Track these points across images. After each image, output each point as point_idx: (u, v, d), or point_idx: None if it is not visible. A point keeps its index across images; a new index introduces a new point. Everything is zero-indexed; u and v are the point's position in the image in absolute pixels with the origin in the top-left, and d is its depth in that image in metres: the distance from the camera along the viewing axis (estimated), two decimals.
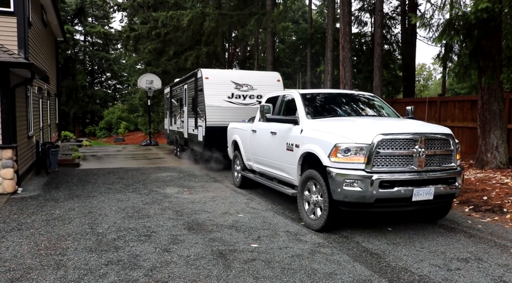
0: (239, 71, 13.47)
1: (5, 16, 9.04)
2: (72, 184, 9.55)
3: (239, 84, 11.75)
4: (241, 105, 11.69)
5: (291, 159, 6.40)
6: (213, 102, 11.39)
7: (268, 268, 4.31)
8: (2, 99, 8.36)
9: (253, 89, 11.86)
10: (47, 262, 4.49)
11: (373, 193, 5.05)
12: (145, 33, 25.88)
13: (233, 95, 11.66)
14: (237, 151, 9.14)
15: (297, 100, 6.83)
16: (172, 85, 17.04)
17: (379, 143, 5.11)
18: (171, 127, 17.19)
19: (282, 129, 6.82)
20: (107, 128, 37.36)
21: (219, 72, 12.58)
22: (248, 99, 11.80)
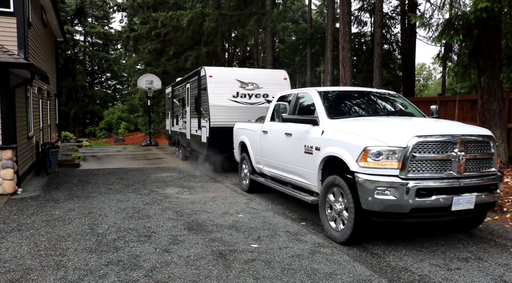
0: (244, 69, 12.81)
1: (5, 16, 9.05)
2: (72, 184, 9.55)
3: (244, 83, 11.21)
4: (247, 105, 11.16)
5: (310, 163, 5.85)
6: (217, 101, 10.84)
7: (268, 268, 4.31)
8: (2, 99, 8.36)
9: (259, 88, 11.34)
10: (47, 263, 4.49)
11: (408, 202, 4.54)
12: (145, 33, 25.89)
13: (238, 94, 11.13)
14: (245, 153, 8.62)
15: (315, 98, 6.25)
16: (173, 84, 16.49)
17: (415, 146, 4.59)
18: (172, 128, 16.59)
19: (298, 130, 6.23)
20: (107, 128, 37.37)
21: (224, 70, 12.07)
22: (254, 98, 11.26)
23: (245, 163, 8.74)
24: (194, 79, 12.36)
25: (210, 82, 10.96)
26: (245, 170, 8.75)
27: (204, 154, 11.45)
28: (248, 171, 8.52)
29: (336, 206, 5.29)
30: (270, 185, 7.50)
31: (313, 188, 5.98)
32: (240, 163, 9.01)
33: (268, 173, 7.64)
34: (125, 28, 30.53)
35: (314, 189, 5.95)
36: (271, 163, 7.36)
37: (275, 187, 7.26)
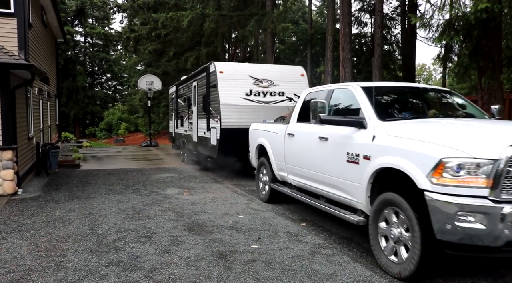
0: (257, 65, 11.95)
1: (5, 17, 9.06)
2: (73, 185, 9.55)
3: (258, 79, 10.27)
4: (261, 103, 10.23)
5: (355, 175, 4.73)
6: (229, 99, 9.93)
7: (268, 269, 4.30)
8: (2, 100, 8.37)
9: (274, 85, 10.40)
10: (47, 264, 4.48)
11: (503, 233, 3.45)
12: (145, 34, 25.94)
13: (252, 91, 10.18)
14: (264, 158, 7.57)
15: (358, 95, 5.13)
16: (178, 83, 15.56)
17: (511, 158, 3.52)
18: (177, 130, 15.55)
19: (338, 134, 5.11)
20: (107, 129, 37.38)
21: (235, 66, 11.27)
22: (269, 96, 10.33)
23: (264, 169, 7.72)
24: (202, 76, 11.50)
25: (221, 79, 10.04)
26: (263, 177, 7.72)
27: (214, 158, 10.51)
28: (267, 178, 7.49)
29: (392, 231, 4.22)
30: (297, 197, 6.39)
31: (357, 206, 4.87)
32: (258, 169, 7.98)
33: (293, 183, 6.57)
34: (125, 29, 30.58)
35: (359, 206, 4.84)
36: (298, 171, 6.29)
37: (305, 200, 6.12)
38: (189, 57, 24.02)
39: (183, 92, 14.32)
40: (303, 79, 10.81)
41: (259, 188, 7.98)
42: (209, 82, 10.67)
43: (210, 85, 10.61)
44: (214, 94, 10.30)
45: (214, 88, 10.23)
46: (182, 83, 14.59)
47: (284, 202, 7.42)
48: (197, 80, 12.03)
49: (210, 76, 10.65)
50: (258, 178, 7.95)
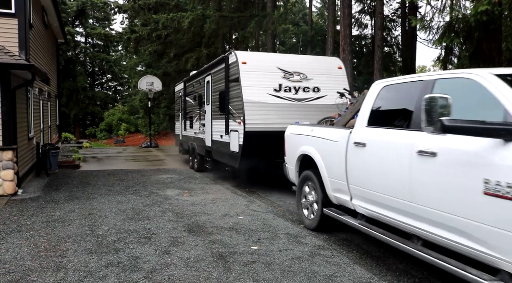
0: (286, 55, 10.10)
1: (6, 17, 9.07)
2: (72, 185, 9.55)
3: (288, 72, 8.77)
4: (293, 101, 8.71)
5: (504, 218, 3.03)
6: (254, 96, 8.39)
7: (268, 271, 4.30)
8: (2, 100, 8.37)
9: (307, 79, 8.86)
10: (47, 264, 4.48)
11: None
12: (146, 35, 25.94)
13: (281, 87, 8.66)
14: (310, 172, 5.85)
15: (496, 89, 3.35)
16: (186, 79, 13.92)
17: None
18: (185, 132, 14.02)
19: (463, 148, 3.39)
20: (108, 129, 37.36)
21: (261, 56, 9.71)
22: (302, 92, 8.78)
23: (309, 187, 5.96)
24: (219, 69, 9.86)
25: (244, 71, 8.51)
26: (309, 196, 5.96)
27: (235, 167, 8.88)
28: (315, 199, 5.80)
29: None
30: (373, 234, 4.49)
31: (499, 264, 3.11)
32: (300, 186, 6.21)
33: (361, 211, 4.76)
34: (126, 29, 30.58)
35: (503, 266, 3.09)
36: (373, 197, 4.43)
37: (387, 241, 4.27)
38: (190, 58, 24.02)
39: (193, 89, 12.77)
40: (341, 72, 9.27)
41: (301, 210, 6.18)
42: (228, 75, 9.15)
43: (229, 79, 9.12)
44: (235, 90, 8.78)
45: (235, 83, 8.69)
46: (192, 78, 13.06)
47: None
48: (212, 74, 10.51)
49: (229, 68, 9.12)
50: (300, 198, 6.21)
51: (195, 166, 12.45)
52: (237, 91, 8.63)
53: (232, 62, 8.94)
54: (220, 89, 9.66)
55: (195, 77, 12.59)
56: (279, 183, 9.34)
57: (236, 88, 8.67)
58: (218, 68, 9.92)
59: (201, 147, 11.63)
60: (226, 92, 9.17)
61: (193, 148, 12.65)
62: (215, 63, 10.25)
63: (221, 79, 9.66)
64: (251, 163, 8.50)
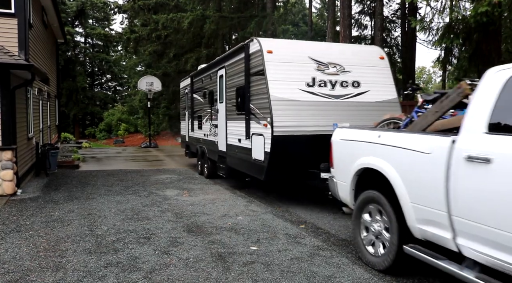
0: (319, 43, 8.62)
1: (6, 17, 9.07)
2: (72, 185, 9.54)
3: (322, 63, 7.38)
4: (329, 98, 7.25)
5: None
6: (283, 93, 7.00)
7: (267, 271, 4.30)
8: (2, 100, 8.37)
9: (344, 72, 7.45)
10: (46, 264, 4.48)
11: None
12: (146, 35, 25.94)
13: (315, 81, 7.24)
14: (378, 194, 4.36)
15: None
16: (194, 74, 12.56)
17: None
18: (192, 134, 12.78)
19: None
20: (107, 130, 37.33)
21: (288, 43, 8.18)
22: (339, 87, 7.36)
23: (375, 213, 4.49)
24: (236, 60, 8.48)
25: (270, 62, 7.14)
26: (373, 225, 4.49)
27: (260, 179, 7.49)
28: (383, 229, 4.36)
29: None
30: None
31: None
32: (360, 210, 4.70)
33: (477, 258, 3.28)
34: (125, 29, 30.59)
35: None
36: (506, 240, 2.99)
37: None
38: (189, 59, 24.03)
39: (202, 84, 11.37)
40: (383, 63, 7.93)
41: (360, 241, 4.70)
42: (249, 67, 7.78)
43: (250, 72, 7.75)
44: (258, 85, 7.41)
45: (259, 77, 7.33)
46: (201, 73, 11.66)
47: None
48: (227, 67, 9.14)
49: (250, 59, 7.76)
50: (359, 226, 4.70)
51: (204, 172, 11.09)
52: (261, 87, 7.24)
53: (254, 51, 7.52)
54: (238, 84, 8.33)
55: (205, 71, 11.20)
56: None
57: (260, 83, 7.27)
58: (235, 60, 8.50)
59: (213, 151, 10.22)
60: (246, 88, 7.77)
61: (202, 151, 11.28)
62: (231, 54, 8.80)
63: (239, 73, 8.28)
64: (279, 174, 7.23)
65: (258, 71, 7.36)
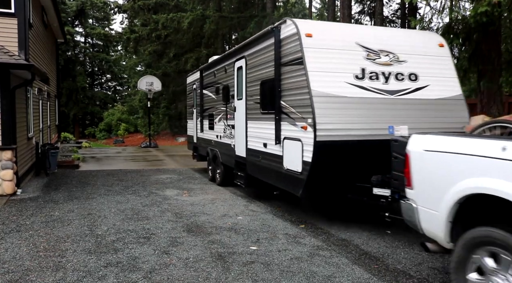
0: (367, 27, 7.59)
1: (6, 17, 9.07)
2: (72, 185, 9.55)
3: (373, 51, 6.06)
4: (383, 94, 5.89)
5: None
6: (327, 86, 5.65)
7: (267, 271, 4.31)
8: (2, 100, 8.37)
9: (399, 62, 6.13)
10: (46, 264, 4.49)
11: None
12: (146, 35, 25.97)
13: (365, 72, 5.90)
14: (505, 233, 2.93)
15: None
16: (204, 67, 11.21)
17: None
18: (201, 135, 11.47)
19: None
20: (107, 129, 37.35)
21: (331, 26, 6.83)
22: (394, 81, 6.00)
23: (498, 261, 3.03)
24: (262, 48, 7.15)
25: (310, 48, 5.78)
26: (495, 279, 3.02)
27: (296, 194, 6.01)
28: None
29: None
30: None
31: None
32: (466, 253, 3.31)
33: None
34: (125, 29, 30.61)
35: None
36: None
37: None
38: (189, 59, 24.05)
39: (214, 79, 10.07)
40: (444, 52, 6.57)
41: None
42: (280, 56, 6.39)
43: (282, 61, 6.36)
44: (294, 78, 6.02)
45: (296, 66, 5.93)
46: (212, 66, 10.37)
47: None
48: (248, 56, 7.81)
49: (282, 46, 6.37)
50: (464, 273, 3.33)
51: (216, 178, 9.90)
52: (297, 80, 5.88)
53: (288, 35, 6.14)
54: (264, 77, 7.02)
55: (218, 63, 9.88)
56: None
57: (296, 75, 5.91)
58: (260, 47, 7.21)
59: (228, 156, 9.00)
60: (276, 81, 6.40)
61: (214, 155, 10.01)
62: (254, 41, 7.46)
63: (265, 63, 6.97)
64: (321, 189, 5.96)
65: (294, 60, 5.97)
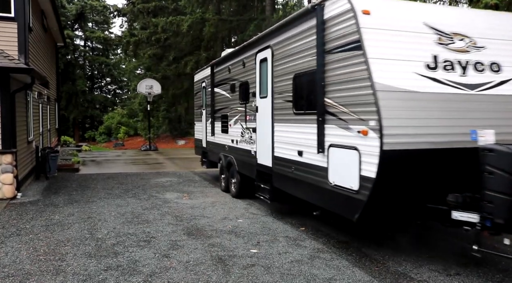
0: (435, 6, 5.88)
1: (6, 21, 9.10)
2: (72, 189, 9.54)
3: (445, 34, 4.84)
4: (461, 89, 4.64)
5: None
6: (393, 78, 4.41)
7: (267, 274, 4.30)
8: (2, 104, 8.38)
9: (477, 48, 4.92)
10: (46, 268, 4.48)
11: None
12: (145, 39, 26.03)
13: (437, 61, 4.67)
14: None
15: None
16: (216, 62, 10.09)
17: None
18: (212, 138, 10.34)
19: None
20: (107, 133, 37.37)
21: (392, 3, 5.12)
22: (473, 72, 4.78)
23: None
24: (297, 33, 5.82)
25: (369, 28, 4.54)
26: None
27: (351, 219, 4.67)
28: None
29: None
30: None
31: None
32: None
33: None
34: (125, 33, 30.69)
35: None
36: None
37: None
38: (189, 62, 24.09)
39: (230, 74, 8.95)
40: None
41: None
42: (323, 41, 5.09)
43: (327, 48, 5.06)
44: (345, 68, 4.72)
45: (350, 53, 4.64)
46: (226, 60, 9.27)
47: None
48: (275, 46, 6.58)
49: (328, 28, 5.06)
50: None
51: (231, 189, 8.79)
52: (352, 69, 4.57)
53: (337, 14, 4.88)
54: (299, 69, 5.76)
55: (234, 56, 8.78)
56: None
57: (351, 64, 4.60)
58: (293, 33, 5.95)
59: (247, 164, 7.88)
60: (319, 73, 5.13)
61: (229, 163, 8.85)
62: (286, 25, 6.19)
63: (300, 52, 5.71)
64: (385, 211, 4.78)
65: (346, 45, 4.68)
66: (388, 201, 4.50)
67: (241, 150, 8.21)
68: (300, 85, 5.81)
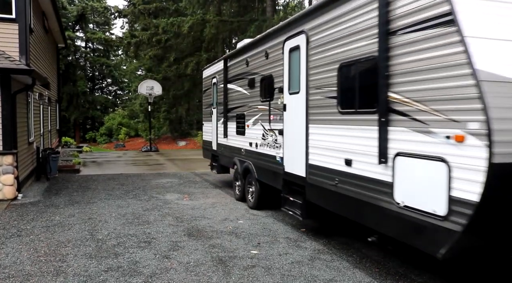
0: None
1: (7, 22, 9.11)
2: (72, 190, 9.55)
3: None
4: None
5: None
6: (504, 66, 3.19)
7: (267, 275, 4.30)
8: (3, 105, 8.40)
9: None
10: (47, 269, 4.48)
11: None
12: (146, 40, 26.06)
13: None
14: None
15: None
16: (230, 55, 9.09)
17: None
18: (224, 141, 9.40)
19: None
20: (108, 134, 37.40)
21: None
22: None
23: None
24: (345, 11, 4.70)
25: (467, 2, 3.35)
26: None
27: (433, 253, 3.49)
28: None
29: None
30: None
31: None
32: None
33: None
34: (126, 34, 30.73)
35: None
36: None
37: None
38: (190, 63, 24.12)
39: (247, 68, 7.93)
40: None
41: None
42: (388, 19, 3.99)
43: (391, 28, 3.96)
44: (427, 51, 3.55)
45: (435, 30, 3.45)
46: (244, 51, 8.22)
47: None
48: (311, 30, 5.48)
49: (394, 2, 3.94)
50: None
51: (248, 199, 7.82)
52: (438, 53, 3.44)
53: None
54: (347, 57, 4.66)
55: (253, 47, 7.75)
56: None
57: (435, 46, 3.47)
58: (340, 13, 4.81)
59: (270, 172, 6.90)
60: (382, 60, 4.02)
61: (246, 169, 7.89)
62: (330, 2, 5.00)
63: (351, 35, 4.59)
64: (481, 246, 3.60)
65: (428, 20, 3.54)
66: (492, 232, 3.37)
67: (262, 155, 7.19)
68: (350, 77, 4.71)
